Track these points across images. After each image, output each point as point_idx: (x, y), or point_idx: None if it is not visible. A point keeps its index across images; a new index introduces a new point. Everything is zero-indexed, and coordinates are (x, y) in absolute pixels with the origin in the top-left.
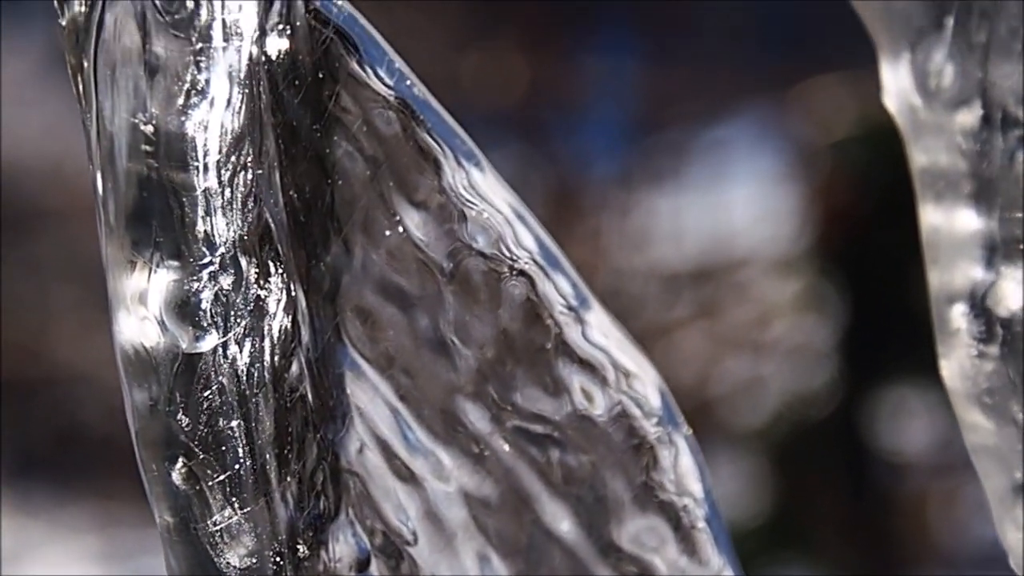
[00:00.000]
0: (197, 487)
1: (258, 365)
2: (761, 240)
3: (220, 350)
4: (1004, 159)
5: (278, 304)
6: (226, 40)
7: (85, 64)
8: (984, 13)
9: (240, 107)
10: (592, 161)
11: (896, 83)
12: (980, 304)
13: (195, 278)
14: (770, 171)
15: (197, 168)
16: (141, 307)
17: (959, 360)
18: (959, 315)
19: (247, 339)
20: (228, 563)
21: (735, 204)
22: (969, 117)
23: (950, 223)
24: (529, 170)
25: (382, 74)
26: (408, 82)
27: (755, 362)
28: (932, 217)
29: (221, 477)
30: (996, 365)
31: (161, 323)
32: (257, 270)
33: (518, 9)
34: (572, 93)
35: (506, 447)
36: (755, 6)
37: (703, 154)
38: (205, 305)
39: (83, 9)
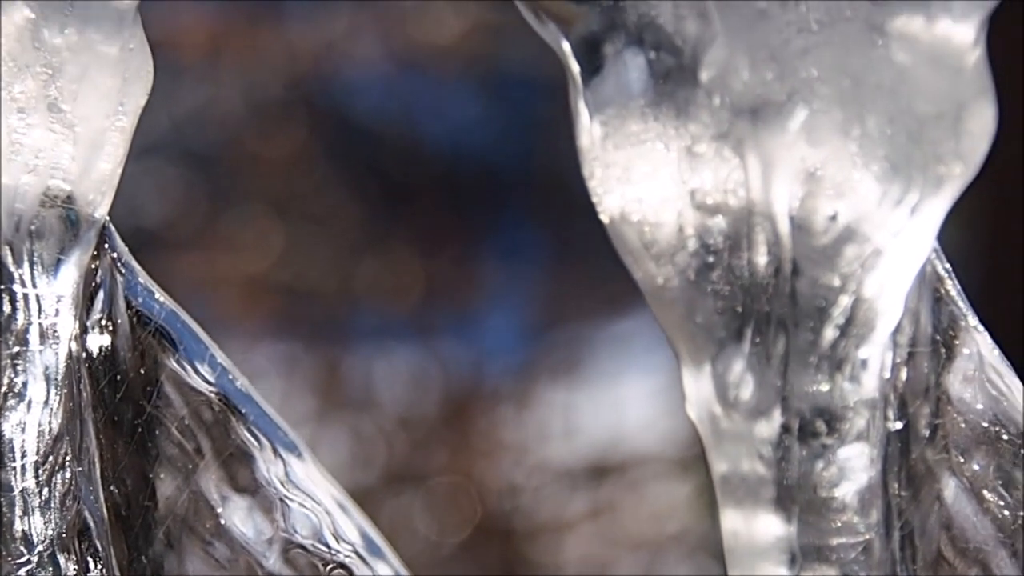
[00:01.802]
0: None
1: None
2: (657, 438)
3: None
4: (804, 467)
5: None
6: (43, 343)
7: None
8: (781, 324)
9: (58, 407)
10: (489, 358)
11: (697, 393)
12: None
13: None
14: (667, 368)
15: (14, 469)
16: None
17: None
18: None
19: None
20: None
21: (632, 401)
22: (768, 427)
23: (750, 529)
24: (425, 370)
25: (203, 369)
26: (230, 376)
27: (650, 561)
28: (732, 522)
29: None
30: None
31: None
32: (76, 567)
33: (413, 216)
34: (468, 294)
35: None
36: None
37: (601, 350)
38: None
39: None
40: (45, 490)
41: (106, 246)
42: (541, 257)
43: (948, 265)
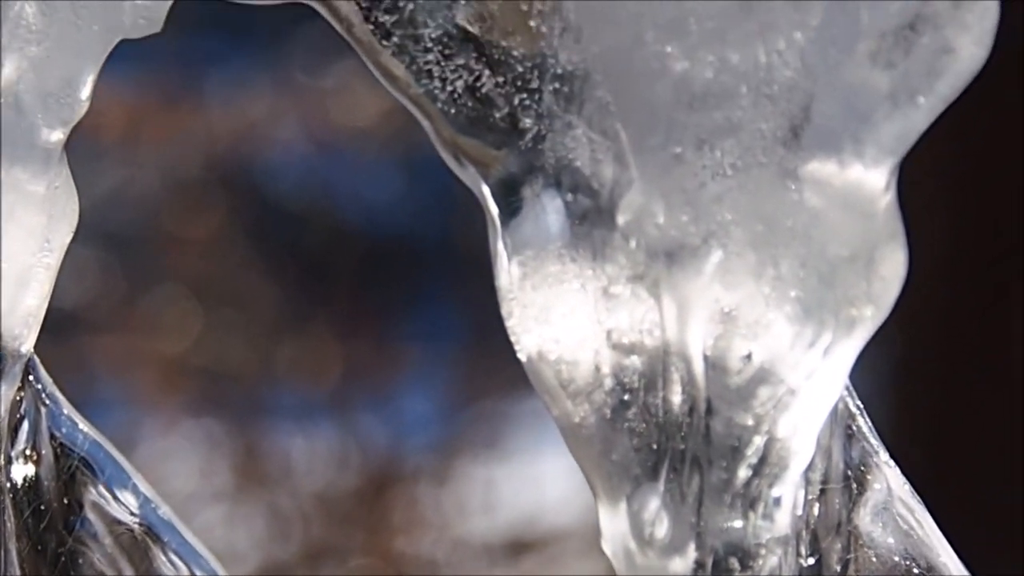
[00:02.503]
0: None
1: None
2: (577, 514)
3: None
4: None
5: None
6: None
7: None
8: (696, 462)
9: None
10: (408, 435)
11: (613, 529)
12: None
13: None
14: None
15: None
16: None
17: None
18: None
19: None
20: None
21: (551, 477)
22: (683, 563)
23: None
24: (344, 448)
25: (126, 499)
26: (152, 505)
27: None
28: None
29: None
30: None
31: None
32: None
33: (332, 297)
34: (387, 373)
35: None
36: None
37: (520, 426)
38: None
39: None
40: None
41: (31, 378)
42: (460, 335)
43: (859, 402)
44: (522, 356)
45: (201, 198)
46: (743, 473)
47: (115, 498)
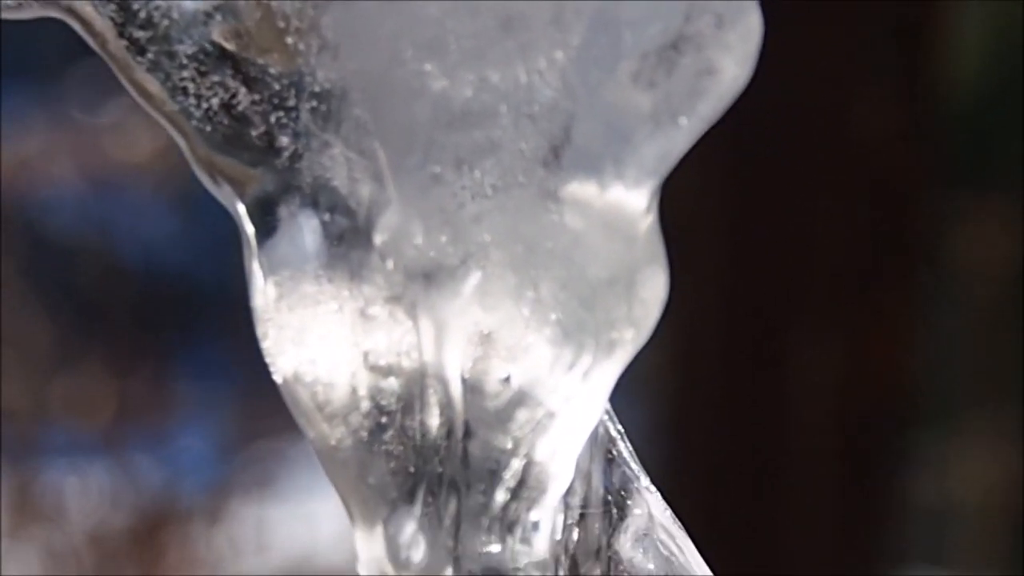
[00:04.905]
0: None
1: None
2: (350, 554)
3: None
4: None
5: None
6: None
7: None
8: (453, 485)
9: None
10: (182, 475)
11: (369, 553)
12: None
13: None
14: None
15: None
16: None
17: None
18: None
19: None
20: None
21: (325, 517)
22: None
23: None
24: (117, 487)
25: None
26: None
27: None
28: None
29: None
30: None
31: None
32: None
33: (106, 335)
34: (162, 412)
35: None
36: None
37: (295, 466)
38: None
39: None
40: None
41: None
42: (236, 375)
43: (620, 427)
44: (278, 378)
45: None
46: (501, 497)
47: None
